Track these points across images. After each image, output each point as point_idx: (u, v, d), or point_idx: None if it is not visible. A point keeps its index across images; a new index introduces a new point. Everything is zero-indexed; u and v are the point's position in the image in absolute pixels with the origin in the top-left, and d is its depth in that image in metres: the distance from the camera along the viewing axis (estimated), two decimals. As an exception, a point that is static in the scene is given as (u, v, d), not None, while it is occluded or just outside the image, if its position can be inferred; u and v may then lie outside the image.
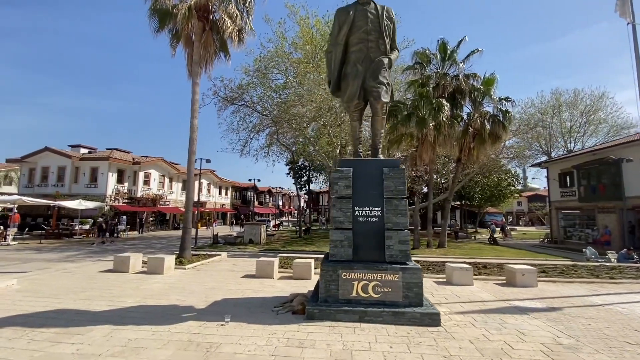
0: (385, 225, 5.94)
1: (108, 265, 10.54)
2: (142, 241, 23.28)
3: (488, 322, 5.56)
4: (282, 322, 5.32)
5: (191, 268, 10.42)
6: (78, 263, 12.24)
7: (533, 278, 8.70)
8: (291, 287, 8.03)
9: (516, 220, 72.50)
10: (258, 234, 21.77)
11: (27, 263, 12.34)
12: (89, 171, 29.37)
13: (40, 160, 29.92)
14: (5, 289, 7.12)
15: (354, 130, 6.89)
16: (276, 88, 23.97)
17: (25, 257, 14.17)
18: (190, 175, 12.53)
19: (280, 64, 22.95)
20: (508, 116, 18.51)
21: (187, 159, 12.55)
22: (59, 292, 7.11)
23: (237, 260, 12.73)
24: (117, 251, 16.71)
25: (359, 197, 6.09)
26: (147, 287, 7.77)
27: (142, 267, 10.03)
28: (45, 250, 16.67)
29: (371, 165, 6.25)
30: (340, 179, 6.10)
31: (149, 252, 16.61)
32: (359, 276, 5.64)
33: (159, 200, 33.93)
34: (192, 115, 12.63)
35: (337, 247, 5.91)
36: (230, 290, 7.54)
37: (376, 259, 5.90)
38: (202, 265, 11.19)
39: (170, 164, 35.46)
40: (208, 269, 10.55)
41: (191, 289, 7.66)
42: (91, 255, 14.90)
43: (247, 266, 11.18)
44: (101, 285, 7.86)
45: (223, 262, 12.01)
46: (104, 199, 28.18)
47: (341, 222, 5.98)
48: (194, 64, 12.73)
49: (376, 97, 6.37)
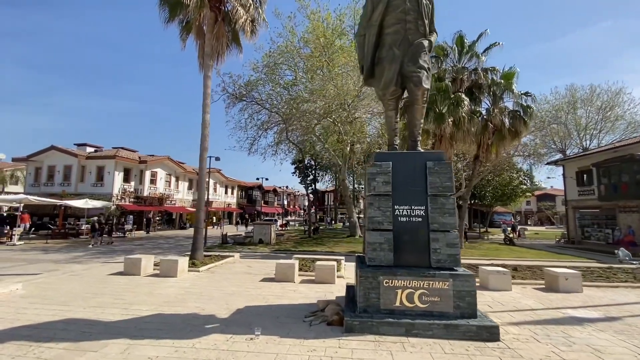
0: (430, 226, 5.29)
1: (118, 268, 10.00)
2: (149, 241, 22.81)
3: (551, 336, 4.90)
4: (319, 336, 4.70)
5: (205, 270, 9.84)
6: (86, 265, 11.72)
7: (578, 283, 8.01)
8: (315, 292, 7.42)
9: (524, 219, 71.35)
10: (268, 233, 21.19)
11: (33, 264, 11.85)
12: (95, 170, 28.98)
13: (46, 159, 29.59)
14: (9, 295, 6.58)
15: (389, 120, 6.24)
16: (285, 84, 23.39)
17: (32, 257, 13.70)
18: (202, 172, 11.96)
19: (289, 60, 22.36)
20: (529, 111, 17.74)
21: (199, 155, 11.99)
22: (68, 298, 6.56)
23: (251, 262, 12.15)
24: (125, 252, 16.23)
25: (399, 194, 5.45)
26: (162, 292, 7.19)
27: (153, 269, 9.47)
28: (52, 251, 16.22)
29: (413, 158, 5.61)
30: (378, 175, 5.46)
31: (157, 253, 16.10)
32: (403, 283, 5.00)
33: (166, 200, 33.50)
34: (204, 110, 12.05)
35: (375, 251, 5.28)
36: (251, 296, 6.94)
37: (420, 264, 5.26)
38: (216, 267, 10.61)
39: (177, 162, 35.02)
40: (223, 271, 9.96)
41: (209, 294, 7.07)
42: (99, 256, 14.40)
43: (263, 268, 10.60)
44: (112, 290, 7.29)
45: (237, 264, 11.42)
46: (110, 198, 27.76)
47: (380, 222, 5.34)
48: (206, 56, 12.15)
49: (416, 82, 5.72)
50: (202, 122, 12.00)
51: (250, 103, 23.54)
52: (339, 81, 18.96)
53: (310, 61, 21.21)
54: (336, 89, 19.36)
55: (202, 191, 11.98)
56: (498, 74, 18.23)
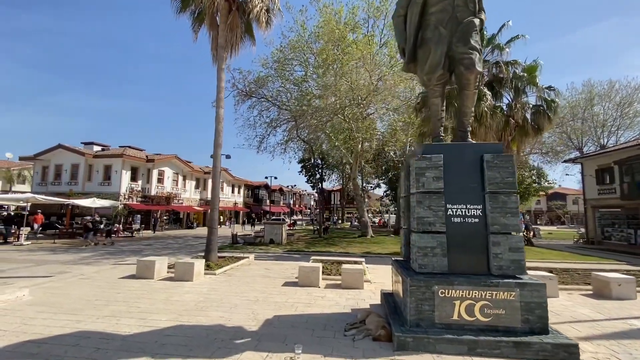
0: (489, 228, 4.64)
1: (130, 270, 9.45)
2: (157, 241, 22.34)
3: (634, 355, 4.22)
4: (368, 355, 4.07)
5: (222, 274, 9.25)
6: (95, 266, 11.20)
7: (631, 289, 7.29)
8: (345, 299, 6.79)
9: (534, 219, 70.08)
10: (279, 233, 20.62)
11: (41, 266, 11.37)
12: (102, 169, 28.61)
13: (53, 157, 29.29)
14: (15, 302, 6.03)
15: (435, 109, 5.59)
16: (296, 81, 22.75)
17: (39, 258, 13.24)
18: (216, 170, 11.38)
19: (300, 55, 21.72)
20: (553, 106, 16.93)
21: (213, 152, 11.41)
22: (78, 305, 6.00)
23: (268, 264, 11.55)
24: (134, 252, 15.74)
25: (452, 191, 4.80)
26: (179, 298, 6.61)
27: (167, 272, 8.91)
28: (60, 251, 15.77)
29: (467, 150, 4.95)
30: (427, 169, 4.81)
31: (167, 253, 15.59)
32: (462, 294, 4.35)
33: (173, 199, 33.08)
34: (218, 105, 11.47)
35: (427, 256, 4.63)
36: (277, 304, 6.33)
37: (478, 270, 4.61)
38: (232, 270, 10.02)
39: (184, 161, 34.58)
40: (240, 274, 9.37)
41: (231, 301, 6.47)
42: (108, 257, 13.90)
43: (281, 271, 9.99)
44: (126, 296, 6.72)
45: (253, 266, 10.83)
46: (117, 197, 27.38)
47: (431, 223, 4.69)
48: (219, 48, 11.56)
49: (468, 65, 5.07)
50: (216, 117, 11.42)
51: (260, 100, 22.98)
52: (353, 75, 18.29)
53: (321, 56, 20.55)
54: (349, 84, 18.71)
55: (217, 189, 11.41)
56: (520, 67, 17.45)
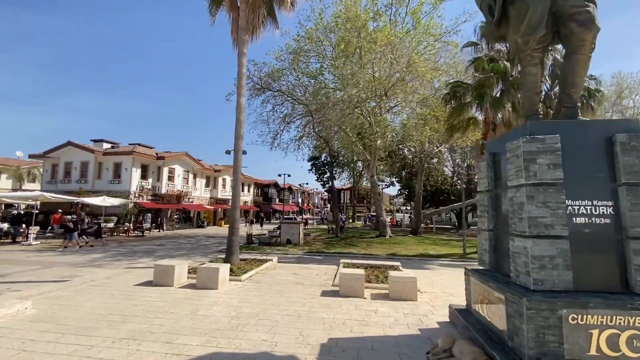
0: (625, 231, 3.49)
1: (145, 276, 8.49)
2: (169, 240, 21.50)
3: None
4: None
5: (248, 280, 8.23)
6: (107, 269, 10.29)
7: None
8: (402, 314, 5.70)
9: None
10: (296, 233, 19.60)
11: (48, 269, 10.49)
12: (112, 166, 27.93)
13: (63, 155, 28.70)
14: (16, 317, 5.07)
15: (532, 80, 4.44)
16: (313, 73, 21.66)
17: (47, 260, 12.40)
18: (237, 164, 10.33)
19: (317, 46, 20.61)
20: (598, 96, 15.56)
21: (234, 145, 10.38)
22: (90, 322, 5.01)
23: (294, 268, 10.49)
24: (146, 253, 14.85)
25: (571, 183, 3.66)
26: (207, 312, 5.58)
27: (188, 278, 7.92)
28: (69, 251, 14.97)
29: (592, 129, 3.80)
30: (540, 154, 3.67)
31: (181, 254, 14.67)
32: (601, 321, 3.22)
33: (183, 197, 32.32)
34: (239, 93, 10.44)
35: (545, 269, 3.50)
36: (326, 322, 5.26)
37: (611, 287, 3.48)
38: (258, 275, 8.99)
39: (195, 159, 33.78)
40: (268, 280, 8.34)
41: (270, 316, 5.43)
42: (120, 259, 13.01)
43: (312, 276, 8.93)
44: (145, 309, 5.72)
45: (279, 270, 9.79)
46: (127, 195, 26.66)
47: (548, 225, 3.56)
48: (240, 30, 10.52)
49: (584, 21, 3.91)
50: (237, 106, 10.39)
51: (275, 94, 21.96)
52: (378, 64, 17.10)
53: (339, 46, 19.41)
54: (372, 74, 17.54)
55: (237, 186, 10.39)
56: (559, 54, 16.08)
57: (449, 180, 30.89)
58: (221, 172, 39.53)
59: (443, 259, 15.07)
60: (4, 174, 39.81)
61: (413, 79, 17.22)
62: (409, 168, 32.45)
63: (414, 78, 17.18)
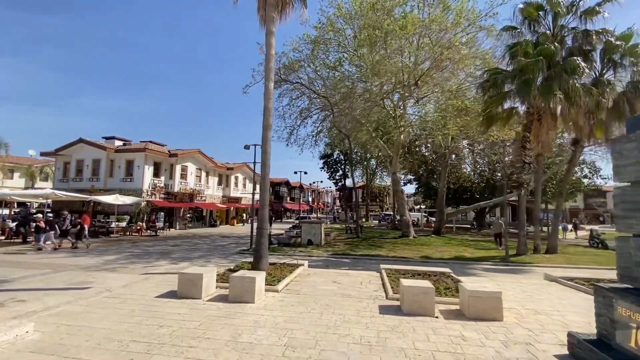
0: None
1: (166, 283, 7.40)
2: (183, 240, 20.56)
3: None
4: None
5: (285, 290, 7.06)
6: (122, 274, 9.27)
7: None
8: (499, 343, 4.44)
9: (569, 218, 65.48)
10: (318, 233, 18.43)
11: (58, 273, 9.52)
12: (124, 164, 27.17)
13: (74, 152, 28.07)
14: (14, 345, 3.96)
15: None
16: (332, 64, 20.37)
17: (58, 262, 11.48)
18: (266, 156, 9.14)
19: (339, 35, 19.30)
20: (659, 81, 13.97)
21: (262, 135, 9.21)
22: (106, 354, 3.88)
23: (329, 274, 9.29)
24: (162, 254, 13.84)
25: None
26: (252, 338, 4.40)
27: (216, 287, 6.79)
28: (81, 252, 14.07)
29: None
30: None
31: (198, 256, 13.65)
32: None
33: (196, 196, 31.45)
34: (267, 77, 9.26)
35: None
36: (408, 354, 4.02)
37: None
38: (293, 282, 7.81)
39: (208, 157, 32.86)
40: (307, 290, 7.14)
41: (334, 345, 4.21)
42: (134, 261, 12.02)
43: (354, 285, 7.71)
44: (173, 332, 4.57)
45: (315, 278, 8.59)
46: (140, 193, 25.86)
47: None
48: (268, 6, 9.35)
49: None
50: (265, 93, 9.22)
51: (296, 85, 20.80)
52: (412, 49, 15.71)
53: (363, 34, 18.07)
54: (401, 62, 16.20)
55: (266, 182, 9.21)
56: (612, 36, 14.50)
57: (472, 177, 29.29)
58: (234, 170, 38.63)
59: (484, 263, 13.72)
60: (17, 173, 39.68)
61: (447, 67, 15.79)
62: (429, 165, 30.92)
63: (448, 66, 15.75)
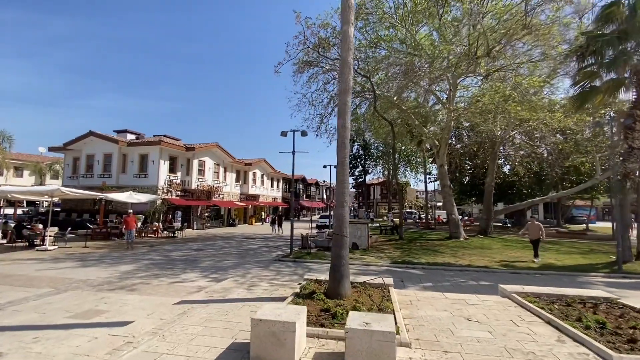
0: None
1: (220, 326, 4.80)
2: (206, 243, 18.08)
3: None
4: None
5: (416, 343, 4.36)
6: (146, 297, 6.73)
7: None
8: None
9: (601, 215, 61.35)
10: (364, 236, 15.76)
11: (60, 294, 7.05)
12: (138, 159, 24.86)
13: (84, 147, 25.89)
14: None
15: None
16: (376, 39, 17.50)
17: (62, 275, 9.04)
18: (344, 133, 6.34)
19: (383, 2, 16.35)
20: None
21: (339, 103, 6.50)
22: None
23: (436, 301, 6.53)
24: (187, 262, 11.14)
25: None
26: None
27: (307, 338, 4.14)
28: (91, 260, 11.64)
29: None
30: None
31: (232, 265, 11.03)
32: None
33: (214, 193, 29.04)
34: (345, 19, 6.52)
35: None
36: None
37: None
38: (407, 321, 5.10)
39: (226, 151, 30.38)
40: (445, 341, 4.43)
41: None
42: (156, 273, 9.49)
43: (499, 322, 4.97)
44: None
45: (425, 308, 5.86)
46: (155, 190, 23.53)
47: None
48: None
49: None
50: (343, 41, 6.50)
51: (325, 69, 18.08)
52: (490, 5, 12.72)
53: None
54: (473, 28, 13.24)
55: (345, 167, 6.40)
56: None
57: (519, 170, 26.10)
58: (252, 165, 36.14)
59: (592, 275, 10.78)
60: (27, 171, 37.99)
61: (531, 32, 12.75)
62: (472, 156, 27.83)
63: (532, 32, 12.73)
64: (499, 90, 14.47)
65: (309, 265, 11.80)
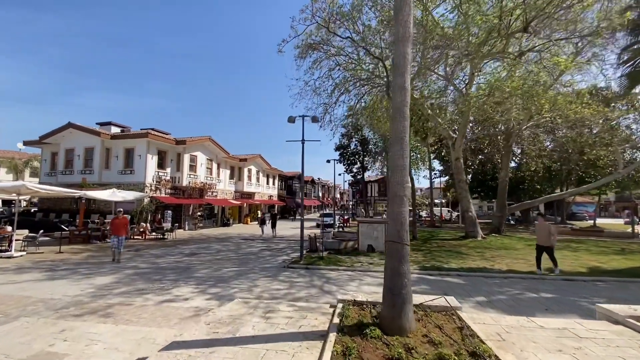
0: None
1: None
2: (199, 245, 16.10)
3: None
4: None
5: None
6: (124, 330, 4.80)
7: None
8: None
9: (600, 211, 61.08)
10: (381, 237, 13.98)
11: (8, 325, 5.07)
12: (123, 153, 22.61)
13: (63, 140, 23.51)
14: None
15: None
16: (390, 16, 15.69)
17: (20, 292, 7.02)
18: (403, 97, 4.54)
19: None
20: None
21: (394, 57, 4.71)
22: None
23: (535, 335, 4.80)
24: (178, 272, 9.06)
25: None
26: None
27: None
28: (62, 270, 9.58)
29: None
30: None
31: (234, 275, 9.06)
32: None
33: (207, 190, 26.95)
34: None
35: None
36: None
37: None
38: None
39: (219, 145, 28.30)
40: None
41: None
42: (140, 288, 7.47)
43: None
44: None
45: (523, 343, 4.13)
46: (142, 188, 21.38)
47: None
48: None
49: None
50: None
51: (330, 54, 16.26)
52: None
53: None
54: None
55: (405, 147, 4.57)
56: None
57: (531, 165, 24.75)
58: (247, 161, 34.07)
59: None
60: (4, 168, 35.29)
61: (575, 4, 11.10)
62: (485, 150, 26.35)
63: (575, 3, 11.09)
64: (530, 76, 12.89)
65: (324, 273, 10.01)
